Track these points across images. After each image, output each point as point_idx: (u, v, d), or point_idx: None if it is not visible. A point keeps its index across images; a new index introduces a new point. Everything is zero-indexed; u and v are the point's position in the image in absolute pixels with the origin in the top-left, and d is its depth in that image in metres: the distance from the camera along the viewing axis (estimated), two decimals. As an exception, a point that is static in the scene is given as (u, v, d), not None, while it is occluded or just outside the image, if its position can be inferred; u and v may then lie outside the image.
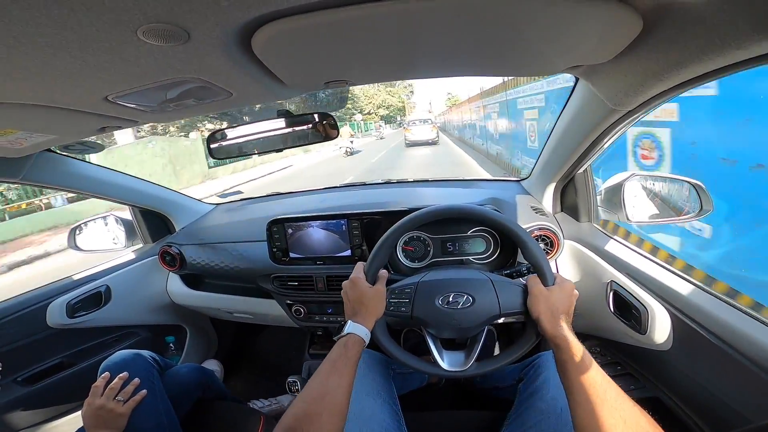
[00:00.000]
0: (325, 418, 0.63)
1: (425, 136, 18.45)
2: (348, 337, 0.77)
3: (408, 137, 19.04)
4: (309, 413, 0.63)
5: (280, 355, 2.05)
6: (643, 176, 1.12)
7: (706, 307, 0.79)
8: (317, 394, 0.67)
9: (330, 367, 0.71)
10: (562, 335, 0.71)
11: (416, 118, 20.28)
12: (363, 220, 1.27)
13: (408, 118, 23.57)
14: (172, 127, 19.12)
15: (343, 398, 0.67)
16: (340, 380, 0.69)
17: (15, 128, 0.78)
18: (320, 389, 0.67)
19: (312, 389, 0.68)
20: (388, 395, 0.95)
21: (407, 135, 19.04)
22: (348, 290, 0.86)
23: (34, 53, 0.45)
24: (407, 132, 19.23)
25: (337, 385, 0.68)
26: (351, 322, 0.80)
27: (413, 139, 18.68)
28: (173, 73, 0.57)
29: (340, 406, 0.66)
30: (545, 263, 0.83)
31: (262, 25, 0.48)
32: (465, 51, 0.63)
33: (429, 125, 18.72)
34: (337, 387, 0.68)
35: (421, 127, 18.71)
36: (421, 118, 20.31)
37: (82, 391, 1.41)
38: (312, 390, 0.67)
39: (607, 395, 0.61)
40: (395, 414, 0.92)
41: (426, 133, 18.45)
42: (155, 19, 0.41)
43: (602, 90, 0.79)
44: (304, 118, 1.00)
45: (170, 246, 1.53)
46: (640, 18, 0.50)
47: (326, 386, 0.68)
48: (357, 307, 0.83)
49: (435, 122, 20.73)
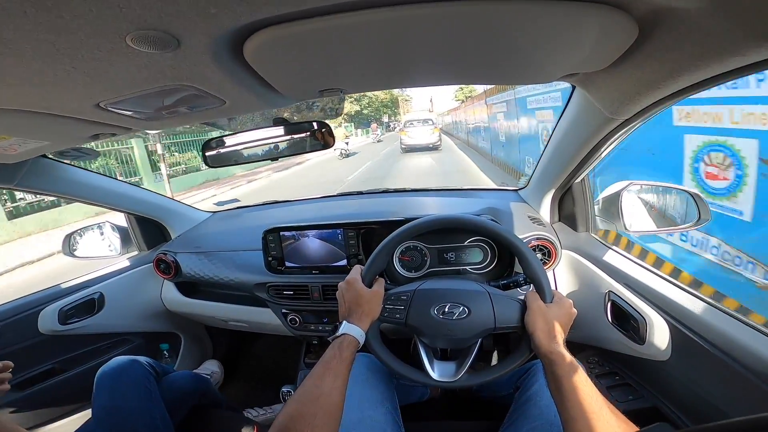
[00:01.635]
0: (320, 419, 0.62)
1: (425, 139, 15.83)
2: (343, 338, 0.76)
3: (404, 141, 16.34)
4: (303, 414, 0.62)
5: (276, 363, 2.03)
6: (640, 185, 1.12)
7: (705, 317, 0.79)
8: (312, 395, 0.66)
9: (324, 368, 0.70)
10: (558, 351, 0.71)
11: (415, 118, 17.67)
12: (359, 230, 1.26)
13: (404, 118, 20.89)
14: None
15: (338, 399, 0.67)
16: (335, 381, 0.68)
17: (8, 134, 0.78)
18: (315, 390, 0.67)
19: (306, 390, 0.67)
20: (390, 404, 0.94)
21: (403, 138, 16.40)
22: (344, 291, 0.85)
23: (24, 59, 0.45)
24: (403, 135, 16.47)
25: (332, 386, 0.67)
26: (346, 322, 0.79)
27: (411, 143, 16.10)
28: (164, 80, 0.56)
29: (335, 408, 0.66)
30: (545, 279, 0.82)
31: (253, 33, 0.47)
32: (459, 59, 0.63)
33: (430, 127, 16.10)
34: (332, 388, 0.67)
35: (420, 129, 16.15)
36: (421, 118, 17.75)
37: (74, 397, 1.41)
38: (306, 391, 0.67)
39: (602, 412, 0.61)
40: (396, 424, 0.91)
41: (426, 136, 15.88)
42: (143, 26, 0.41)
43: (599, 98, 0.79)
44: (300, 126, 0.99)
45: (165, 254, 1.52)
46: (636, 25, 0.50)
47: (321, 387, 0.67)
48: (353, 308, 0.82)
49: (436, 123, 17.96)
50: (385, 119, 47.51)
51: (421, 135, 15.95)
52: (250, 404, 1.61)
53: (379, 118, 44.91)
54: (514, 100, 7.40)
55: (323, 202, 1.82)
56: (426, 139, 15.83)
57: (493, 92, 9.37)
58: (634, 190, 1.12)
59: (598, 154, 1.00)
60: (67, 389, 1.39)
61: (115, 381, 1.04)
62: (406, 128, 16.69)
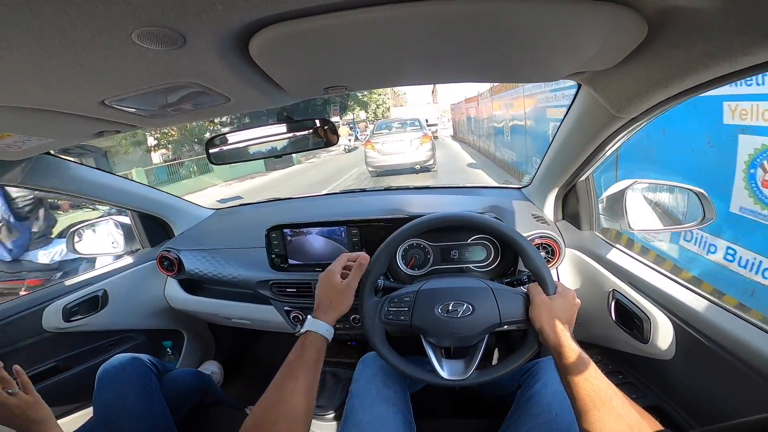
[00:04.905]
0: (281, 425, 0.61)
1: (406, 156, 9.17)
2: (305, 336, 0.73)
3: (372, 159, 9.58)
4: (265, 419, 0.62)
5: (278, 361, 2.02)
6: (644, 184, 1.11)
7: (709, 317, 0.78)
8: (272, 400, 0.65)
9: (286, 370, 0.69)
10: (565, 344, 0.71)
11: (394, 119, 12.30)
12: (362, 227, 1.26)
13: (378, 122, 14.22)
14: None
15: (301, 402, 0.65)
16: (296, 384, 0.66)
17: (11, 131, 0.78)
18: (275, 395, 0.65)
19: (268, 395, 0.66)
20: (402, 403, 0.94)
21: (370, 155, 9.59)
22: (320, 283, 0.83)
23: (29, 56, 0.45)
24: (369, 149, 9.62)
25: (293, 390, 0.66)
26: (310, 317, 0.77)
27: (382, 164, 9.53)
28: (170, 77, 0.56)
29: (297, 412, 0.64)
30: (546, 271, 0.82)
31: (259, 30, 0.47)
32: (467, 57, 0.62)
33: (415, 134, 9.51)
34: (293, 392, 0.65)
35: (397, 139, 9.43)
36: (405, 118, 11.88)
37: (77, 395, 1.41)
38: (268, 396, 0.66)
39: (613, 402, 0.60)
40: (408, 423, 0.91)
41: (406, 150, 9.18)
42: (149, 23, 0.41)
43: (605, 97, 0.78)
44: (304, 123, 0.99)
45: (169, 251, 1.52)
46: (646, 23, 0.49)
47: (281, 392, 0.66)
48: (322, 301, 0.80)
49: (430, 127, 12.71)
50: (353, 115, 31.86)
51: (399, 149, 9.24)
52: (252, 402, 1.59)
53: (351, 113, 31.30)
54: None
55: (326, 200, 1.82)
56: (407, 157, 9.20)
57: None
58: (638, 188, 1.11)
59: (603, 152, 1.00)
60: (70, 387, 1.40)
61: (116, 378, 1.04)
62: (374, 138, 9.86)
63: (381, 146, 9.42)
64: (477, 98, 12.73)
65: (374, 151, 9.51)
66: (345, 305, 0.81)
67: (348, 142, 18.20)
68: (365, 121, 27.92)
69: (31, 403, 0.86)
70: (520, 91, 7.19)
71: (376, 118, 31.62)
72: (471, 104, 14.54)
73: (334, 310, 0.79)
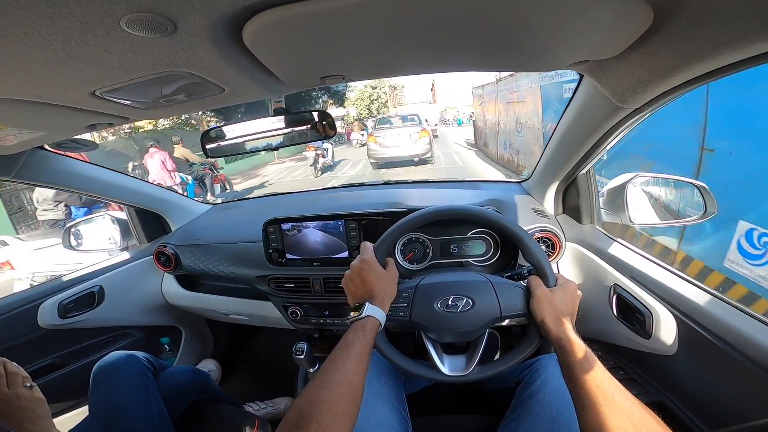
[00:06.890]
0: (342, 406, 0.59)
1: (406, 149, 10.23)
2: (366, 320, 0.73)
3: (374, 152, 10.58)
4: (325, 399, 0.59)
5: (277, 357, 2.03)
6: (645, 177, 1.10)
7: (713, 311, 0.77)
8: (334, 379, 0.62)
9: (349, 352, 0.67)
10: (567, 337, 0.69)
11: (393, 115, 12.91)
12: (361, 221, 1.24)
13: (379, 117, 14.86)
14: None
15: (360, 385, 0.64)
16: (358, 366, 0.65)
17: (2, 124, 0.76)
18: (338, 375, 0.63)
19: (328, 374, 0.63)
20: (397, 399, 0.93)
21: (372, 148, 10.62)
22: (362, 271, 0.80)
23: (15, 46, 0.43)
24: (372, 142, 10.66)
25: (355, 371, 0.64)
26: (369, 304, 0.75)
27: (384, 156, 10.49)
28: (161, 66, 0.55)
29: (357, 394, 0.63)
30: (546, 264, 0.81)
31: (252, 15, 0.45)
32: (467, 44, 0.61)
33: (414, 128, 10.58)
34: (355, 373, 0.64)
35: (398, 133, 10.50)
36: (404, 113, 12.68)
37: (74, 392, 1.40)
38: (328, 375, 0.63)
39: (615, 397, 0.59)
40: (403, 420, 0.90)
41: (407, 143, 10.27)
42: (138, 9, 0.39)
43: (608, 87, 0.76)
44: (302, 116, 0.97)
45: (165, 246, 1.51)
46: (651, 10, 0.48)
47: (344, 372, 0.63)
48: (376, 289, 0.78)
49: (429, 122, 13.16)
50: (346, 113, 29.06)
51: (399, 142, 10.30)
52: (250, 398, 1.61)
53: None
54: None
55: (324, 194, 1.81)
56: (406, 149, 10.23)
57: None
58: (639, 182, 1.10)
59: (605, 145, 0.98)
60: (67, 384, 1.39)
61: (112, 376, 1.03)
62: (377, 132, 10.89)
63: (382, 139, 10.44)
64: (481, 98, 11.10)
65: (376, 144, 10.52)
66: (394, 293, 0.83)
67: (361, 137, 17.70)
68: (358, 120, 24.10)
69: (40, 399, 0.85)
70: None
71: (370, 114, 31.46)
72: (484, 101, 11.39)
73: (390, 299, 0.80)
